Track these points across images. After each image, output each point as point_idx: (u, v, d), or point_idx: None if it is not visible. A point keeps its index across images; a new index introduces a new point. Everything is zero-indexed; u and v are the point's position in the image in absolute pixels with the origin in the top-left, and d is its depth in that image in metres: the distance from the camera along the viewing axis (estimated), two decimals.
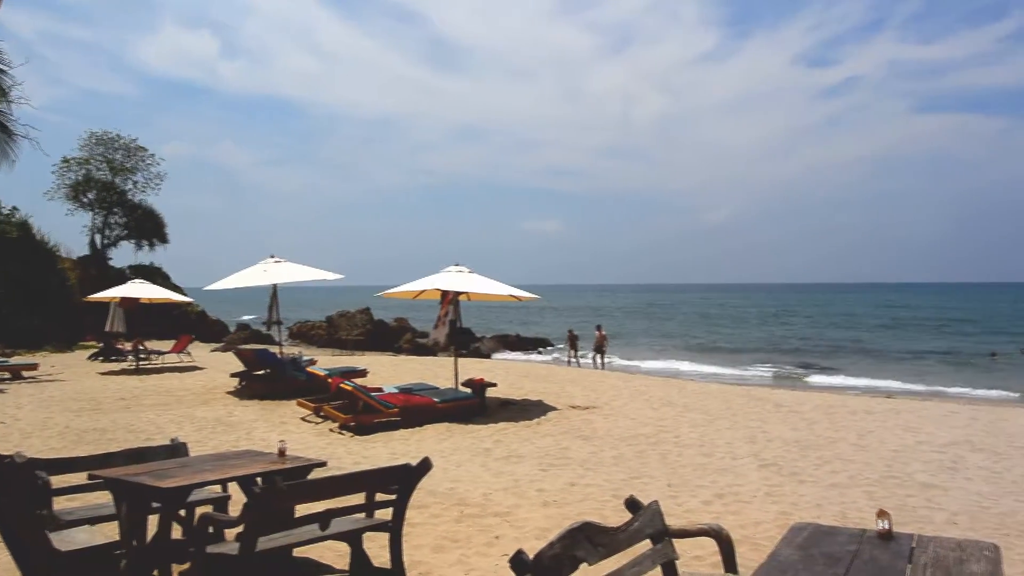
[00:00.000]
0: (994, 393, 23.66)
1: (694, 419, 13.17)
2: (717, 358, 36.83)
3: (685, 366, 32.80)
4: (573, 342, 29.92)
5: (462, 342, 31.63)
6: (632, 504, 3.88)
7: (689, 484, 8.63)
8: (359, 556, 5.20)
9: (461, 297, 15.38)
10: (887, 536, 3.31)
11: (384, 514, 5.18)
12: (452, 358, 16.78)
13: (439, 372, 19.31)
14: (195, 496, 5.49)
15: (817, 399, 16.55)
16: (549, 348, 41.76)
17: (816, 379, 28.07)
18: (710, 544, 4.08)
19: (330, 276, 17.09)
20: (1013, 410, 16.20)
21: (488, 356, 34.55)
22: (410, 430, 12.11)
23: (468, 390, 13.98)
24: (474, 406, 13.55)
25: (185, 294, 28.40)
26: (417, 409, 12.73)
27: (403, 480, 5.04)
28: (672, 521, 4.47)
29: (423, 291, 15.48)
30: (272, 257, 16.89)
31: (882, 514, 3.39)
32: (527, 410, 14.06)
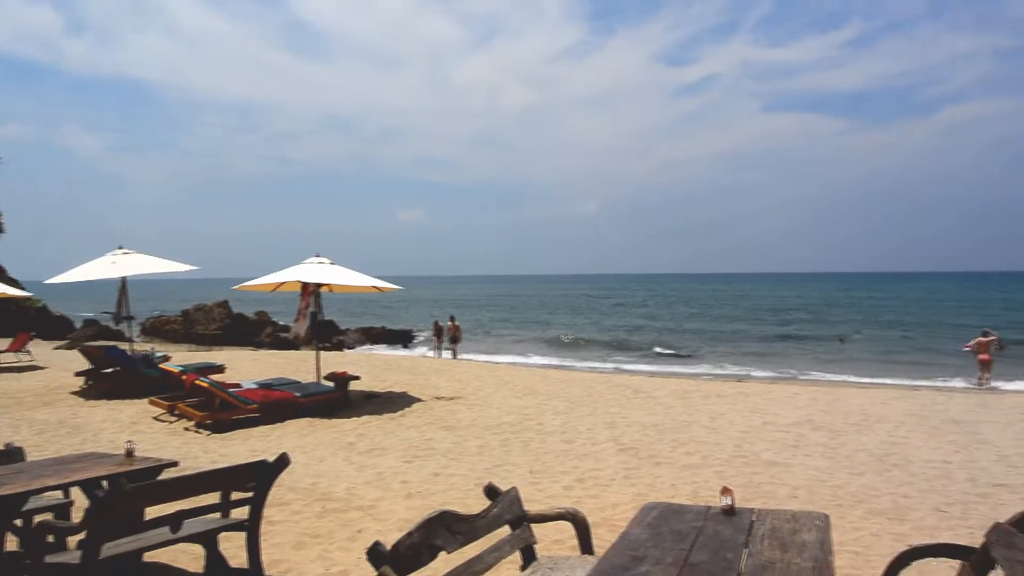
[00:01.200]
0: (836, 376, 25.33)
1: (557, 407, 13.45)
2: (574, 348, 37.69)
3: (540, 359, 33.21)
4: (439, 333, 29.95)
5: (324, 335, 31.08)
6: (491, 491, 3.94)
7: (551, 470, 8.81)
8: (214, 557, 5.03)
9: (323, 289, 15.08)
10: (730, 512, 3.49)
11: (241, 513, 5.04)
12: (314, 351, 16.46)
13: (301, 366, 18.90)
14: (33, 504, 5.18)
15: (673, 385, 17.22)
16: (415, 340, 41.57)
17: (673, 367, 29.18)
18: (571, 528, 4.19)
19: (184, 267, 16.40)
20: (848, 390, 17.38)
21: (352, 349, 34.06)
22: (270, 426, 11.80)
23: (331, 384, 13.75)
24: (337, 400, 13.34)
25: (24, 288, 26.54)
26: (277, 404, 12.42)
27: (259, 477, 4.91)
28: (533, 507, 4.56)
29: (283, 283, 15.09)
30: (121, 248, 16.03)
31: (725, 491, 3.57)
32: (391, 402, 13.98)
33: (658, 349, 35.66)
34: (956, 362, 27.84)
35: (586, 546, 4.10)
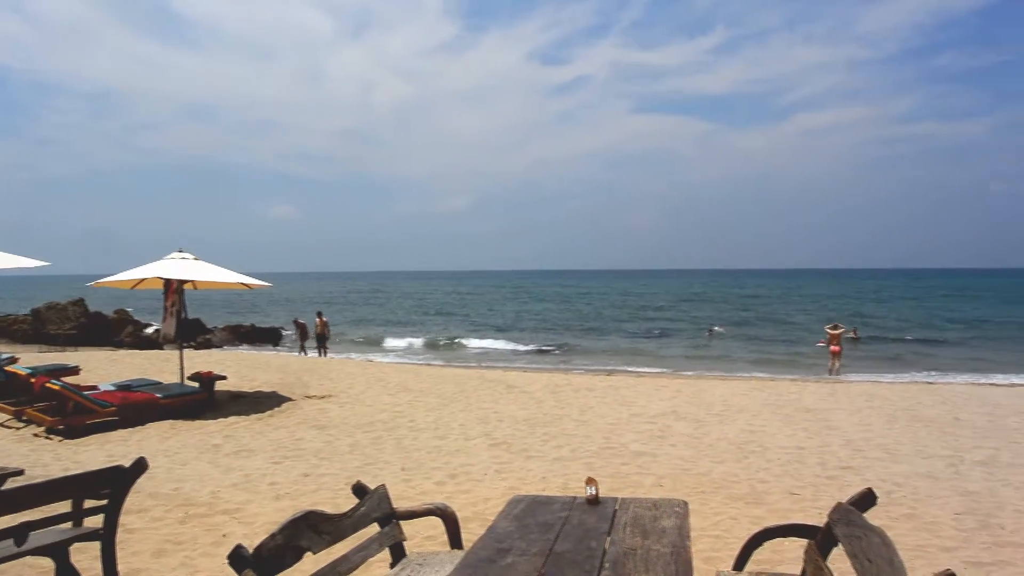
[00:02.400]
0: (703, 370, 26.34)
1: (430, 403, 13.43)
2: (447, 345, 37.76)
3: (413, 356, 33.13)
4: (302, 331, 29.29)
5: (190, 334, 29.90)
6: (359, 489, 3.90)
7: (423, 467, 8.80)
8: (65, 570, 4.77)
9: (187, 286, 14.50)
10: (595, 501, 3.59)
11: (96, 522, 4.79)
12: (178, 351, 15.81)
13: (164, 367, 18.12)
14: None
15: (545, 379, 17.50)
16: (284, 338, 40.54)
17: (546, 362, 29.62)
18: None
19: (32, 263, 15.40)
20: (712, 382, 18.14)
21: (220, 348, 32.91)
22: (130, 430, 11.26)
23: (195, 384, 13.24)
24: (202, 401, 12.86)
25: None
26: (137, 406, 11.86)
27: (114, 483, 4.69)
28: (405, 504, 4.55)
29: (143, 280, 14.39)
30: None
31: (590, 481, 3.67)
32: (260, 402, 13.60)
33: (532, 345, 36.12)
34: (811, 352, 29.53)
35: (455, 541, 4.12)
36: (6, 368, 14.49)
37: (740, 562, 3.93)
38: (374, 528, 3.91)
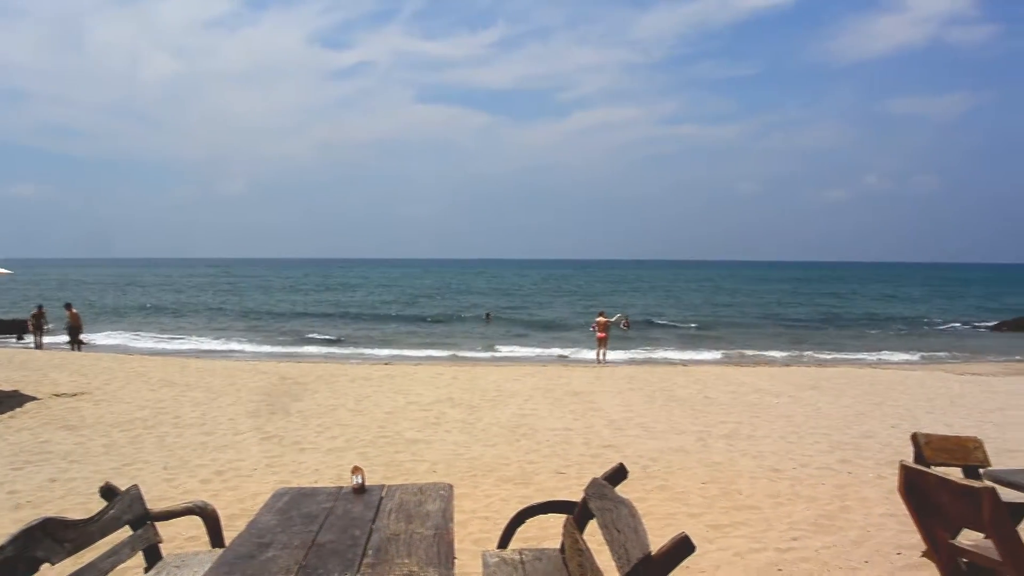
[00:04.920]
0: (486, 355, 26.95)
1: (196, 398, 12.77)
2: (217, 334, 36.08)
3: (180, 346, 31.26)
4: (37, 321, 26.82)
5: None
6: (108, 491, 3.65)
7: (188, 464, 8.36)
8: None
9: None
10: (361, 490, 3.58)
11: None
12: None
13: None
14: None
15: (320, 370, 17.18)
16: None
17: (323, 351, 29.05)
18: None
19: None
20: (486, 368, 18.61)
21: None
22: None
23: None
24: None
25: None
26: None
27: None
28: (165, 504, 4.30)
29: None
30: None
31: (356, 470, 3.66)
32: None
33: (311, 335, 35.26)
34: (581, 337, 31.05)
35: (217, 540, 3.96)
36: None
37: (504, 541, 4.07)
38: (127, 532, 3.68)
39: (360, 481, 3.59)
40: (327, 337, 34.34)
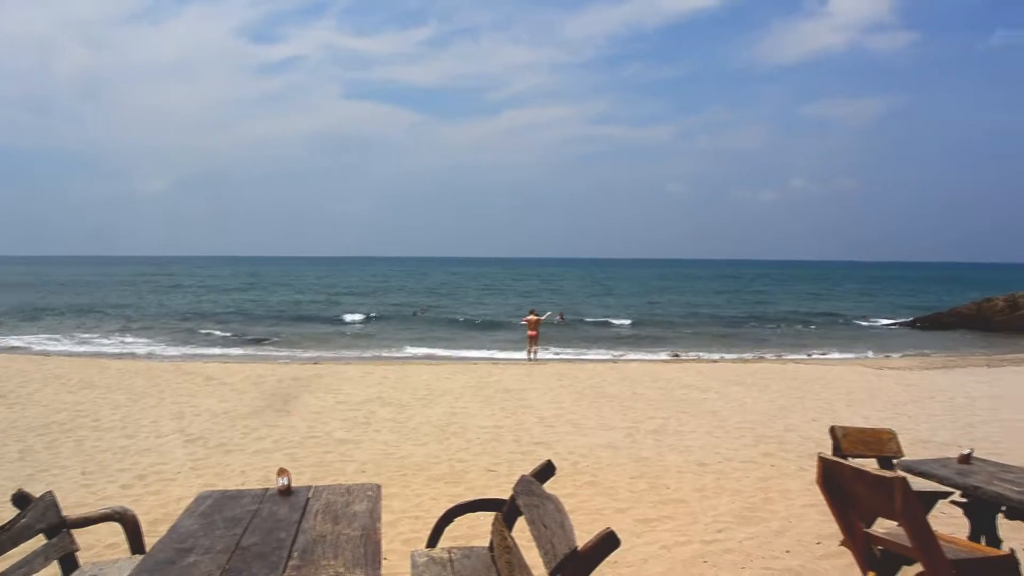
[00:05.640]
0: (422, 351, 26.81)
1: (117, 400, 12.41)
2: (138, 334, 35.09)
3: (102, 347, 30.28)
4: None
5: None
6: (20, 499, 3.52)
7: (108, 469, 8.11)
8: None
9: None
10: (287, 492, 3.53)
11: None
12: None
13: None
14: None
15: (248, 370, 16.86)
16: None
17: (250, 351, 28.48)
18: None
19: None
20: (417, 367, 18.52)
21: None
22: None
23: None
24: None
25: None
26: None
27: None
28: (84, 510, 4.17)
29: None
30: None
31: (282, 472, 3.60)
32: None
33: (238, 335, 34.50)
34: (512, 335, 31.14)
35: (137, 546, 3.86)
36: None
37: (433, 540, 4.07)
38: (41, 541, 3.56)
39: (286, 482, 3.54)
40: (255, 337, 33.63)
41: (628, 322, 41.96)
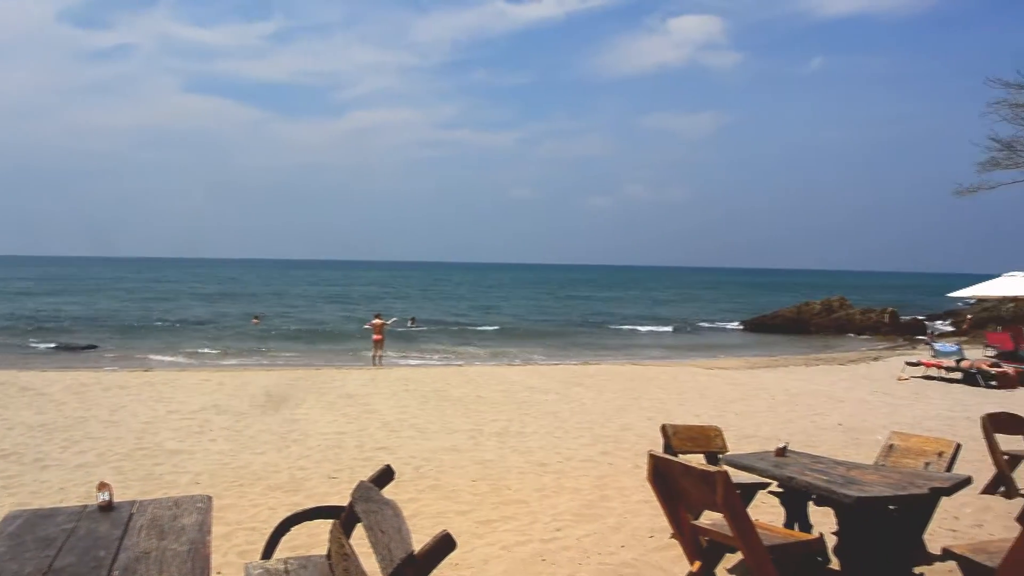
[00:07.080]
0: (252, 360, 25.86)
1: None
2: None
3: None
4: None
5: None
6: None
7: None
8: None
9: None
10: (108, 508, 3.33)
11: None
12: None
13: None
14: None
15: (69, 379, 15.76)
16: None
17: (70, 360, 26.64)
18: None
19: None
20: (256, 373, 17.92)
21: None
22: None
23: None
24: None
25: None
26: None
27: None
28: None
29: None
30: None
31: (102, 486, 3.40)
32: None
33: (54, 342, 32.09)
34: (355, 340, 30.67)
35: None
36: None
37: (268, 551, 3.95)
38: None
39: (107, 498, 3.34)
40: (75, 343, 31.36)
41: (467, 324, 42.35)
